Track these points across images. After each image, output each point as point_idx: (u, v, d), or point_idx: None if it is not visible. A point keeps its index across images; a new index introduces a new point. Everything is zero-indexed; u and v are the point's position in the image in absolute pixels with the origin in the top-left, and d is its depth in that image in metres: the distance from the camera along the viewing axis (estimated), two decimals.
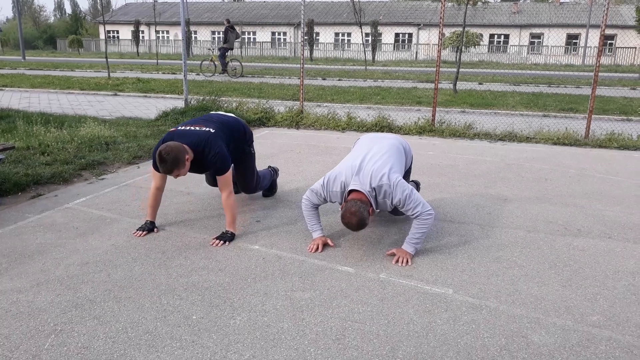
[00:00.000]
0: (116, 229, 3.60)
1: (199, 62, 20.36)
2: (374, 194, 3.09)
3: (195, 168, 3.48)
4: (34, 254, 3.16)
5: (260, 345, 2.25)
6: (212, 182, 4.06)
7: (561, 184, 4.99)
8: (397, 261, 3.10)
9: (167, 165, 3.16)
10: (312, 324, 2.42)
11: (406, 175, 3.58)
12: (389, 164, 3.18)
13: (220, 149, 3.36)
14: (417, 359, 2.16)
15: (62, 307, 2.53)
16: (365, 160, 3.20)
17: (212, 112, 3.94)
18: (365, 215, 2.97)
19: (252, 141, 3.94)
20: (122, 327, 2.37)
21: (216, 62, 18.45)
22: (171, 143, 3.23)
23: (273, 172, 4.44)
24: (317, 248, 3.29)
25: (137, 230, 3.53)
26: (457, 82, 13.56)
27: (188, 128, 3.45)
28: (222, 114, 3.85)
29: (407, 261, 3.10)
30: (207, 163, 3.38)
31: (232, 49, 18.62)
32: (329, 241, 3.38)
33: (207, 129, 3.43)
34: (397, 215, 3.79)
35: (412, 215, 3.15)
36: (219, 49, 18.19)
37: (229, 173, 3.43)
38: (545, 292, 2.78)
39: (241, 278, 2.88)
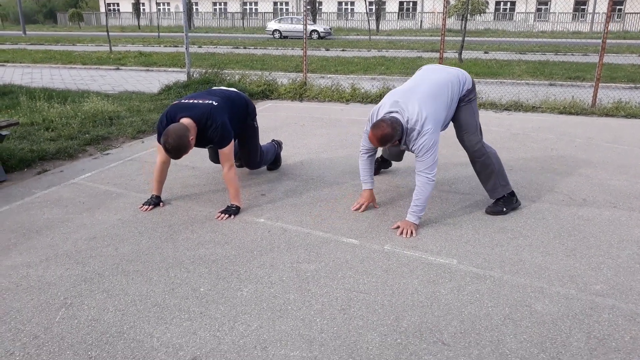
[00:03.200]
0: (122, 204, 3.63)
1: (201, 34, 20.10)
2: (405, 133, 3.13)
3: (198, 142, 3.47)
4: (42, 229, 3.19)
5: (267, 316, 2.29)
6: (215, 159, 4.06)
7: (567, 153, 4.96)
8: (401, 233, 3.12)
9: (172, 154, 3.16)
10: (318, 295, 2.45)
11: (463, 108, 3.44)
12: (429, 108, 3.13)
13: (222, 121, 3.35)
14: (422, 329, 2.20)
15: (72, 281, 2.57)
16: (410, 98, 3.17)
17: (214, 87, 3.92)
18: (391, 133, 3.01)
19: (255, 115, 3.92)
20: (130, 300, 2.41)
21: None
22: (172, 128, 3.15)
23: (277, 145, 4.43)
24: (360, 208, 3.50)
25: (143, 204, 3.55)
26: (463, 51, 13.37)
27: (191, 101, 3.44)
28: (224, 89, 3.82)
29: (412, 232, 3.12)
30: (210, 136, 3.37)
31: None
32: (375, 202, 3.55)
33: (210, 101, 3.42)
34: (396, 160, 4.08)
35: (417, 168, 3.17)
36: None
37: (231, 146, 3.43)
38: (549, 261, 2.79)
39: (247, 251, 2.91)
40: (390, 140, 3.05)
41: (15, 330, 2.17)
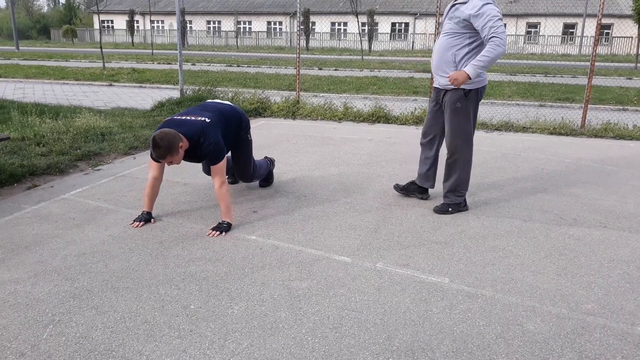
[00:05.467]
0: (113, 220, 3.60)
1: (194, 52, 20.21)
2: None
3: (190, 157, 3.48)
4: (31, 244, 3.16)
5: (257, 334, 2.26)
6: (209, 172, 4.06)
7: (557, 173, 5.01)
8: (450, 78, 3.43)
9: (160, 150, 3.17)
10: (310, 313, 2.43)
11: None
12: None
13: (215, 138, 3.37)
14: (414, 348, 2.18)
15: (60, 297, 2.54)
16: None
17: (208, 101, 3.94)
18: None
19: (249, 128, 3.94)
20: (120, 317, 2.38)
21: None
22: (166, 129, 3.25)
23: (270, 162, 4.44)
24: None
25: (134, 220, 3.53)
26: None
27: (184, 118, 3.45)
28: (218, 102, 3.85)
29: (457, 80, 3.39)
30: (203, 152, 3.39)
31: None
32: None
33: (203, 118, 3.43)
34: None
35: (485, 34, 3.34)
36: None
37: (223, 162, 3.43)
38: (540, 280, 2.80)
39: (238, 268, 2.89)
40: None
41: (1, 348, 2.13)
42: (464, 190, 3.85)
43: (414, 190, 4.17)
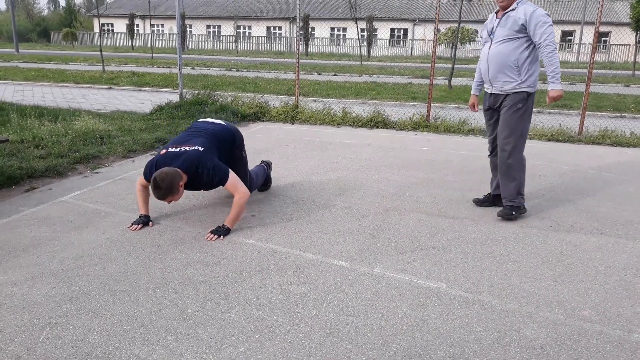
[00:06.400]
0: (111, 223, 3.60)
1: (194, 56, 20.25)
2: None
3: (191, 186, 3.49)
4: (29, 247, 3.16)
5: (255, 338, 2.26)
6: None
7: (554, 180, 5.03)
8: (552, 100, 3.66)
9: (161, 192, 3.20)
10: (307, 318, 2.43)
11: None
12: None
13: (212, 164, 3.37)
14: (411, 353, 2.19)
15: (57, 300, 2.53)
16: None
17: (200, 120, 3.90)
18: None
19: (243, 145, 3.94)
20: (117, 320, 2.38)
21: None
22: (166, 169, 3.23)
23: (266, 166, 4.44)
24: (473, 107, 4.24)
25: (132, 224, 3.53)
26: (452, 78, 13.58)
27: (179, 149, 3.43)
28: (209, 122, 3.83)
29: (558, 97, 3.66)
30: (204, 181, 3.40)
31: None
32: (476, 104, 4.22)
33: (196, 147, 3.42)
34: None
35: (537, 41, 3.61)
36: None
37: (232, 176, 3.43)
38: (537, 286, 2.80)
39: (236, 272, 2.89)
40: None
41: None
42: (523, 192, 3.92)
43: (497, 200, 4.16)
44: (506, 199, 3.89)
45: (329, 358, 2.13)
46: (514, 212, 3.83)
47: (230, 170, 3.47)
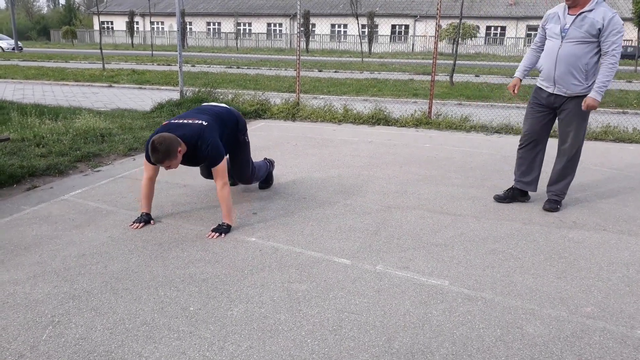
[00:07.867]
0: (112, 221, 3.60)
1: (194, 53, 20.24)
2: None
3: (189, 161, 3.49)
4: (30, 245, 3.16)
5: (257, 336, 2.26)
6: (207, 175, 4.06)
7: None
8: (586, 108, 3.67)
9: (159, 154, 3.18)
10: (309, 316, 2.43)
11: None
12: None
13: (213, 140, 3.37)
14: (413, 350, 2.18)
15: (60, 298, 2.53)
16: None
17: (204, 104, 3.95)
18: None
19: (246, 130, 3.94)
20: (119, 318, 2.37)
21: None
22: (165, 134, 3.25)
23: (269, 163, 4.43)
24: (513, 90, 4.18)
25: (134, 222, 3.53)
26: (454, 75, 13.55)
27: (181, 121, 3.46)
28: (214, 105, 3.86)
29: (594, 107, 3.63)
30: (201, 155, 3.39)
31: None
32: (516, 87, 4.16)
33: (200, 121, 3.44)
34: None
35: (606, 48, 3.59)
36: None
37: (223, 164, 3.43)
38: (540, 283, 2.80)
39: (238, 270, 2.89)
40: None
41: (0, 349, 2.13)
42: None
43: (517, 195, 4.22)
44: (554, 193, 4.07)
45: (332, 355, 2.13)
46: (558, 206, 4.03)
47: (225, 157, 3.48)
